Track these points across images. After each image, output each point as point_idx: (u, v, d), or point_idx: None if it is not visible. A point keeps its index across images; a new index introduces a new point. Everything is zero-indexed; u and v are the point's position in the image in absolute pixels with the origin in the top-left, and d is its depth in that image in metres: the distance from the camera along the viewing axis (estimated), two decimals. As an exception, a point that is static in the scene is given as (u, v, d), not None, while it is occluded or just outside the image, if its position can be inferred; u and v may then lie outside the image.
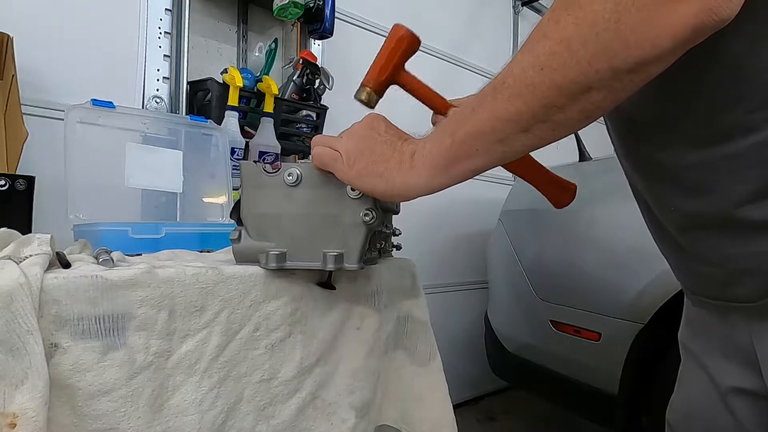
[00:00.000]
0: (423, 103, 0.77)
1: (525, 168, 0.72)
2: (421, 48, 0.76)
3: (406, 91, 0.76)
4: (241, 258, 0.64)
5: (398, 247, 0.93)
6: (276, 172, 0.62)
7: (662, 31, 0.37)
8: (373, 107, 0.74)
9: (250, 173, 0.62)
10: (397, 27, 0.72)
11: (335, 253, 0.61)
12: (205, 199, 1.17)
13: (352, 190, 0.61)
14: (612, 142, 0.65)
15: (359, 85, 0.74)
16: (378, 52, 0.72)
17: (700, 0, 0.36)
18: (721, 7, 0.36)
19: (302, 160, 1.61)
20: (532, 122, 0.43)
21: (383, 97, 0.75)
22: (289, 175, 0.61)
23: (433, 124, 0.78)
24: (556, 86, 0.41)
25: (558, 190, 0.74)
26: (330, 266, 0.61)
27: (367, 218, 0.61)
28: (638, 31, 0.37)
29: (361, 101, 0.73)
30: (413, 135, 0.57)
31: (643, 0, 0.36)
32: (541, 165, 0.73)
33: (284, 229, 0.62)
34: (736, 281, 0.54)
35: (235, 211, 0.64)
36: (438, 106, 0.76)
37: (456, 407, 0.83)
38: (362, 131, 0.58)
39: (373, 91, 0.72)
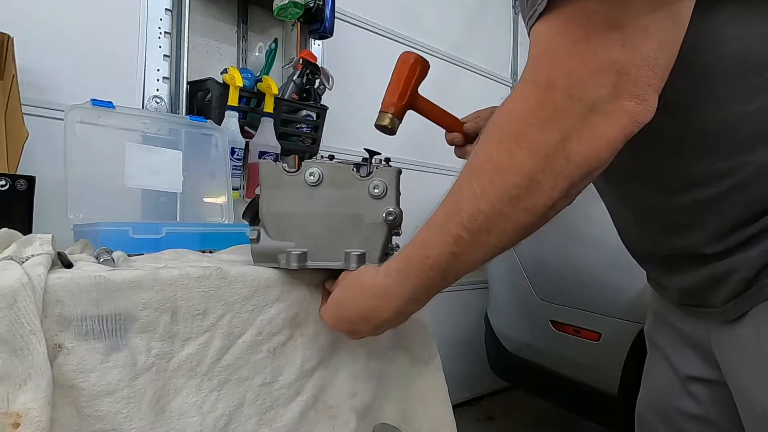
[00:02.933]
0: (437, 123, 0.81)
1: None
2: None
3: (420, 113, 0.78)
4: (260, 258, 0.62)
5: (398, 247, 0.93)
6: (297, 171, 0.61)
7: (603, 147, 0.44)
8: (395, 133, 0.76)
9: (269, 172, 0.61)
10: (407, 54, 0.75)
11: (358, 253, 0.61)
12: (205, 199, 1.17)
13: (375, 188, 0.61)
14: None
15: (378, 112, 0.75)
16: (391, 79, 0.74)
17: (626, 114, 0.42)
18: (644, 115, 0.43)
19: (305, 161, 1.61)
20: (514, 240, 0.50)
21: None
22: (310, 175, 0.60)
23: (448, 142, 0.82)
24: (527, 211, 0.47)
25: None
26: (353, 266, 0.60)
27: (390, 217, 0.61)
28: (584, 153, 0.44)
29: (384, 127, 0.75)
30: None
31: (579, 129, 0.43)
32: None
33: (305, 228, 0.61)
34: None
35: (249, 211, 0.63)
36: (451, 125, 0.80)
37: (456, 407, 0.83)
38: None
39: (395, 116, 0.74)
